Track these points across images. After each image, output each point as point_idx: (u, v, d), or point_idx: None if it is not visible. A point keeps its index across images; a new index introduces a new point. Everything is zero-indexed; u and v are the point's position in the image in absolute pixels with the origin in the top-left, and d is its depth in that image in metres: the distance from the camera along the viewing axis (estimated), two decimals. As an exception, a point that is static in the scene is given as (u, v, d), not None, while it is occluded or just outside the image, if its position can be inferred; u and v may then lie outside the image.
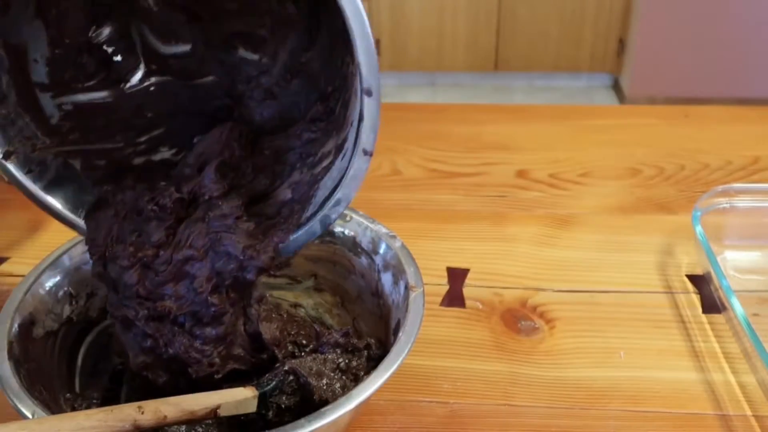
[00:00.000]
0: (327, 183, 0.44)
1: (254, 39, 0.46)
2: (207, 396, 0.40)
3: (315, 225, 0.44)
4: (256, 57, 0.46)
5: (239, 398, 0.41)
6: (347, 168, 0.42)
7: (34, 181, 0.45)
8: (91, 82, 0.46)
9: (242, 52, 0.46)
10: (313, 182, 0.45)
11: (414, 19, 2.67)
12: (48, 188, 0.46)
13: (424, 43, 2.71)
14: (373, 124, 0.41)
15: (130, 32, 0.46)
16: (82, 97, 0.46)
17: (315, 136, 0.46)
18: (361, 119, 0.40)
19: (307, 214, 0.45)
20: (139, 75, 0.47)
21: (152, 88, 0.47)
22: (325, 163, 0.45)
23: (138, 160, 0.48)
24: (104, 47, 0.46)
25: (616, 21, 2.63)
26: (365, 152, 0.41)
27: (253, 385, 0.43)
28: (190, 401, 0.39)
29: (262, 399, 0.42)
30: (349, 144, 0.42)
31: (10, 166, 0.44)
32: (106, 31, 0.46)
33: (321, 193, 0.44)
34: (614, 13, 2.62)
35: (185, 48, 0.46)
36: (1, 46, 0.42)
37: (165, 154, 0.48)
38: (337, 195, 0.43)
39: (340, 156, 0.43)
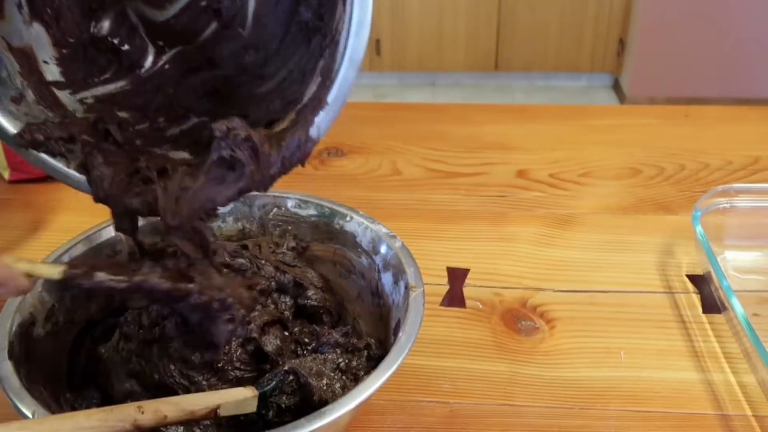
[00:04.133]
0: (339, 28, 0.39)
1: None
2: (207, 396, 0.40)
3: (347, 70, 0.39)
4: None
5: (239, 398, 0.41)
6: None
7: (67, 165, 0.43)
8: (106, 75, 0.46)
9: None
10: (332, 43, 0.40)
11: (414, 20, 2.67)
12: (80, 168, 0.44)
13: (425, 44, 2.72)
14: None
15: (128, 17, 0.46)
16: (101, 90, 0.46)
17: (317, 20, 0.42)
18: None
19: (335, 67, 0.39)
20: (150, 57, 0.47)
21: (167, 66, 0.47)
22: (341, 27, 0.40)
23: (173, 131, 0.47)
24: (109, 39, 0.46)
25: (616, 21, 2.64)
26: None
27: (253, 385, 0.43)
28: (190, 401, 0.39)
29: (262, 399, 0.42)
30: None
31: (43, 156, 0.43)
32: (106, 24, 0.46)
33: (342, 43, 0.39)
34: (614, 13, 2.62)
35: (180, 4, 0.45)
36: (6, 49, 0.42)
37: (194, 120, 0.47)
38: (354, 21, 0.37)
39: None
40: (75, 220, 0.71)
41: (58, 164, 0.43)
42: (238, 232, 0.55)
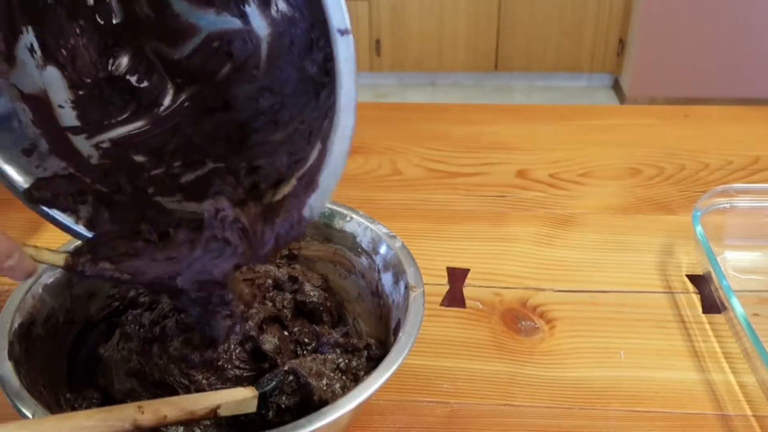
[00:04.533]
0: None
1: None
2: (207, 396, 0.40)
3: (339, 147, 0.37)
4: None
5: (239, 398, 0.41)
6: (334, 61, 0.35)
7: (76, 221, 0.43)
8: (125, 115, 0.45)
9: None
10: (333, 105, 0.39)
11: (414, 20, 2.67)
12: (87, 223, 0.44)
13: (425, 44, 2.71)
14: None
15: (146, 54, 0.45)
16: (119, 131, 0.45)
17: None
18: None
19: (330, 140, 0.38)
20: (170, 95, 0.46)
21: (186, 104, 0.46)
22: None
23: (187, 177, 0.46)
24: (127, 77, 0.45)
25: (616, 21, 2.63)
26: (341, 32, 0.34)
27: (253, 385, 0.43)
28: (190, 401, 0.39)
29: (262, 399, 0.42)
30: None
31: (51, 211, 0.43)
32: (124, 61, 0.45)
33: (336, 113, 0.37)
34: (614, 13, 2.62)
35: (195, 43, 0.45)
36: (19, 98, 0.41)
37: (209, 165, 0.47)
38: (341, 98, 0.36)
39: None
40: (75, 220, 0.70)
41: (66, 220, 0.43)
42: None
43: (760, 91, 2.50)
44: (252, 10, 0.43)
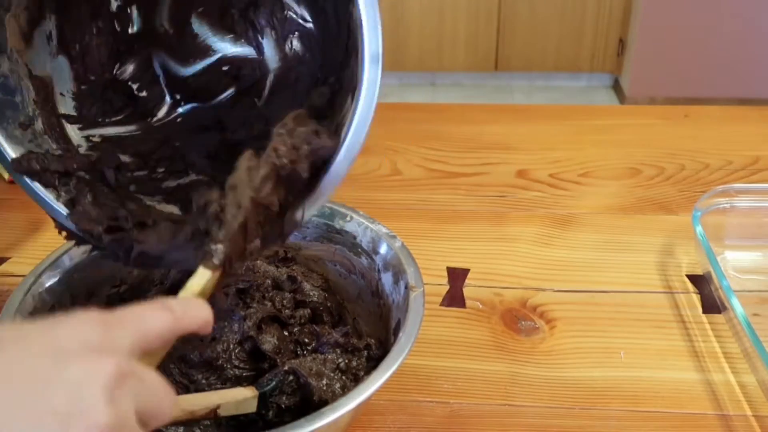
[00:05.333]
0: (344, 120, 0.42)
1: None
2: (207, 396, 0.40)
3: (339, 164, 0.41)
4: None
5: (239, 398, 0.41)
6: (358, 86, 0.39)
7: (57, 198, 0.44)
8: (119, 117, 0.47)
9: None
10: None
11: (414, 19, 2.67)
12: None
13: (424, 43, 2.71)
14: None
15: (152, 66, 0.47)
16: (110, 130, 0.47)
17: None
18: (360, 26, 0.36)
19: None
20: (165, 108, 0.48)
21: (179, 119, 0.48)
22: None
23: (169, 184, 0.47)
24: (129, 83, 0.47)
25: (616, 21, 2.63)
26: (373, 58, 0.38)
27: (253, 385, 0.43)
28: (190, 401, 0.39)
29: (262, 399, 0.42)
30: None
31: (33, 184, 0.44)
32: (130, 68, 0.47)
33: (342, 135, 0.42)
34: (614, 13, 2.62)
35: (205, 63, 0.47)
36: (27, 76, 0.43)
37: (192, 177, 0.47)
38: (356, 117, 0.40)
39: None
40: (75, 220, 0.70)
41: (47, 195, 0.43)
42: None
43: (760, 91, 2.50)
44: (268, 43, 0.46)
